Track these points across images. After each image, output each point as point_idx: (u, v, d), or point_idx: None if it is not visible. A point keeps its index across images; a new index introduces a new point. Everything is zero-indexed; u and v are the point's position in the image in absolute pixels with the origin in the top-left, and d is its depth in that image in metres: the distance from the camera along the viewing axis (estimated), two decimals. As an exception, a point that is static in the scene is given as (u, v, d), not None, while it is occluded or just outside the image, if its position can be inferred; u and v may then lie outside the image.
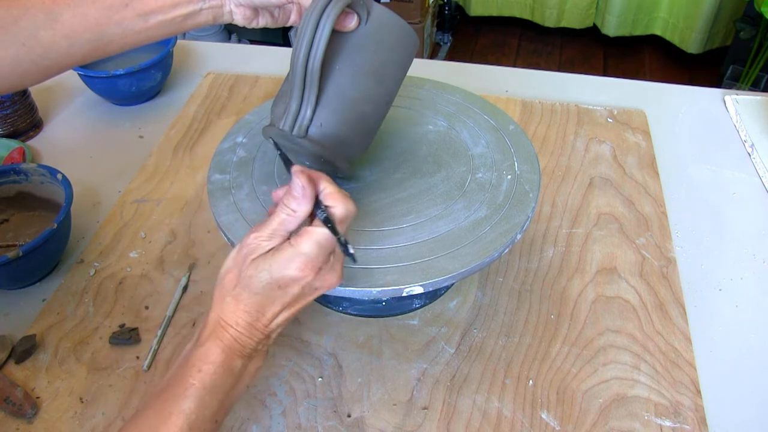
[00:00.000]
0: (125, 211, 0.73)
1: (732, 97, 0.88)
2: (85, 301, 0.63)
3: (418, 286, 0.48)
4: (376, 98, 0.50)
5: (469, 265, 0.49)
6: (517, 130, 0.62)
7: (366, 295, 0.48)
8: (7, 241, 0.67)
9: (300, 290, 0.42)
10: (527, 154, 0.60)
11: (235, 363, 0.42)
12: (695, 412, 0.53)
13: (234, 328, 0.42)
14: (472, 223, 0.53)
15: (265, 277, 0.41)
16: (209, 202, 0.55)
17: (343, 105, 0.48)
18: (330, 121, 0.47)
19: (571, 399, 0.54)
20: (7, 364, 0.57)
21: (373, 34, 0.48)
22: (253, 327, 0.42)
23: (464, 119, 0.64)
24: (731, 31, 2.24)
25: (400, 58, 0.51)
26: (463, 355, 0.57)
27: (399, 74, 0.52)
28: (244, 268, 0.42)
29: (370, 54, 0.48)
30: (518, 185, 0.56)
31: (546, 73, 0.97)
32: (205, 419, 0.40)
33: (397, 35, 0.49)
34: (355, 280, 0.48)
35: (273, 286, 0.41)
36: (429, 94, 0.67)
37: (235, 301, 0.42)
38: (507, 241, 0.51)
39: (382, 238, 0.51)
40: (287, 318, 0.44)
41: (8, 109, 0.81)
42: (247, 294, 0.42)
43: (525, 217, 0.53)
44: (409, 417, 0.53)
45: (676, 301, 0.62)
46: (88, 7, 0.47)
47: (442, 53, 2.64)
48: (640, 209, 0.72)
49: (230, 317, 0.42)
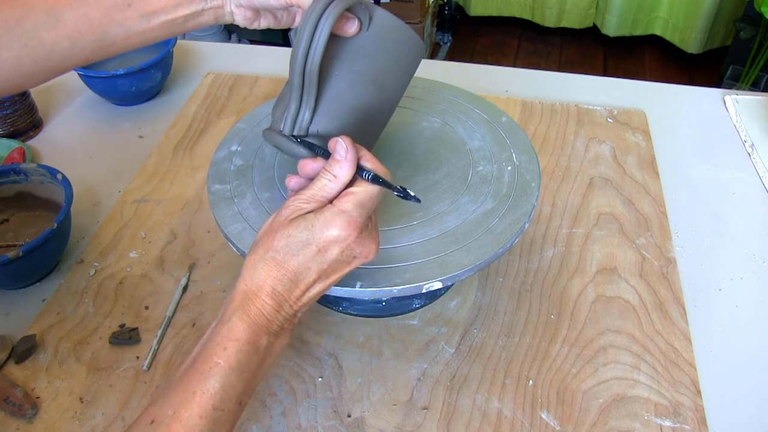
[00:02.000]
0: (125, 211, 0.73)
1: (732, 97, 0.88)
2: (85, 301, 0.63)
3: (437, 282, 0.48)
4: (377, 106, 0.49)
5: (484, 257, 0.50)
6: (510, 121, 0.64)
7: (387, 294, 0.48)
8: (7, 241, 0.67)
9: (339, 254, 0.41)
10: (523, 144, 0.61)
11: (261, 340, 0.40)
12: (695, 412, 0.53)
13: (263, 300, 0.40)
14: (481, 215, 0.53)
15: (305, 237, 0.40)
16: (213, 213, 0.55)
17: (342, 111, 0.47)
18: (329, 127, 0.47)
19: (571, 399, 0.54)
20: (7, 364, 0.57)
21: (374, 41, 0.47)
22: (284, 300, 0.40)
23: (457, 115, 0.65)
24: (731, 31, 2.24)
25: (403, 65, 0.50)
26: (463, 355, 0.57)
27: (401, 82, 0.51)
28: (282, 229, 0.40)
29: (371, 61, 0.47)
30: (519, 176, 0.57)
31: (546, 73, 0.97)
32: (230, 399, 0.38)
33: (400, 42, 0.48)
34: (374, 280, 0.48)
35: (312, 249, 0.40)
36: (419, 92, 0.68)
37: (268, 267, 0.40)
38: (517, 231, 0.52)
39: (394, 237, 0.52)
40: (320, 292, 0.42)
41: (8, 109, 0.81)
42: (283, 256, 0.40)
43: (531, 206, 0.54)
44: (409, 417, 0.53)
45: (676, 301, 0.62)
46: (91, 8, 0.46)
47: (442, 53, 2.64)
48: (640, 209, 0.72)
49: (261, 287, 0.40)
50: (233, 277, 0.65)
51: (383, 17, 0.47)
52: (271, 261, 0.40)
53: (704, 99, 0.90)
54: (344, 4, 0.43)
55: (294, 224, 0.40)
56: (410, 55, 0.50)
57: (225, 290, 0.64)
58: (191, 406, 0.37)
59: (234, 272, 0.65)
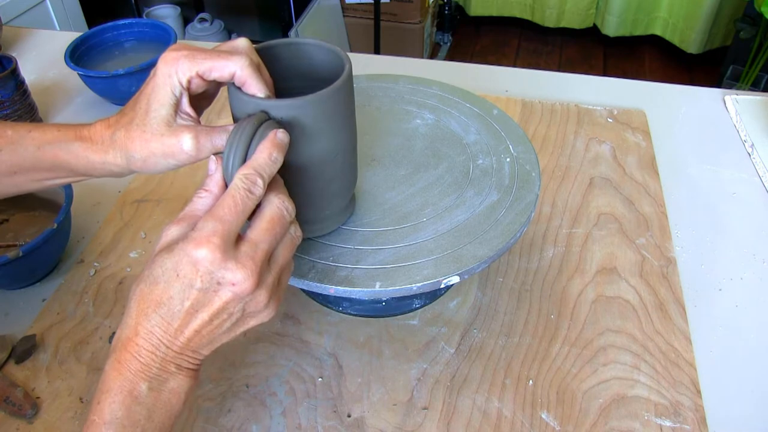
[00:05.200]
0: (125, 211, 0.73)
1: (732, 97, 0.88)
2: (85, 301, 0.63)
3: (455, 276, 0.49)
4: (330, 172, 0.47)
5: (497, 248, 0.50)
6: (501, 114, 0.64)
7: (407, 292, 0.48)
8: (7, 241, 0.67)
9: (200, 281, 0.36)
10: (518, 136, 0.62)
11: (138, 388, 0.36)
12: (695, 412, 0.53)
13: (136, 342, 0.36)
14: (488, 207, 0.54)
15: (169, 264, 0.36)
16: None
17: (304, 193, 0.46)
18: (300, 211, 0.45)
19: (571, 399, 0.54)
20: (7, 364, 0.57)
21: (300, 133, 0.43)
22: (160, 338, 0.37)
23: (448, 110, 0.65)
24: (731, 31, 2.24)
25: (338, 126, 0.46)
26: (463, 355, 0.57)
27: (345, 132, 0.47)
28: (153, 258, 0.37)
29: (307, 146, 0.44)
30: (519, 166, 0.58)
31: (546, 73, 0.97)
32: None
33: (323, 105, 0.43)
34: (394, 279, 0.48)
35: (171, 274, 0.36)
36: (406, 89, 0.69)
37: (137, 304, 0.37)
38: (525, 220, 0.53)
39: (405, 235, 0.52)
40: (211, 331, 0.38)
41: (8, 109, 0.81)
42: (148, 287, 0.37)
43: (534, 196, 0.55)
44: (409, 417, 0.53)
45: (676, 301, 0.62)
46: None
47: (442, 53, 2.64)
48: (640, 209, 0.72)
49: (133, 328, 0.36)
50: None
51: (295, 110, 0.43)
52: (138, 294, 0.37)
53: (704, 99, 0.90)
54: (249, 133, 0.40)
55: (163, 251, 0.37)
56: (340, 112, 0.45)
57: (225, 290, 0.64)
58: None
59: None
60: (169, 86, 0.42)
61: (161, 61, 0.42)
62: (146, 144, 0.42)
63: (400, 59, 1.01)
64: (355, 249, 0.51)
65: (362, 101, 0.67)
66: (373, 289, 0.48)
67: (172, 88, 0.42)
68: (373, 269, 0.49)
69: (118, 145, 0.43)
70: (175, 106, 0.42)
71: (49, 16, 1.76)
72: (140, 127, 0.42)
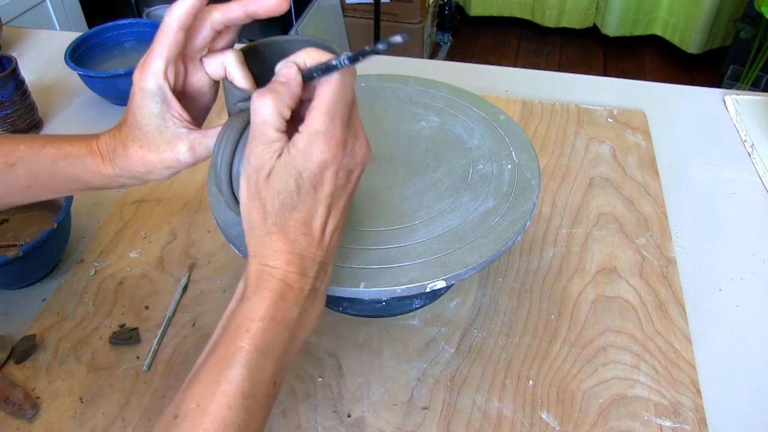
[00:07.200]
0: (125, 211, 0.73)
1: (732, 97, 0.88)
2: (85, 301, 0.63)
3: (441, 281, 0.48)
4: None
5: (487, 255, 0.50)
6: (508, 120, 0.64)
7: (391, 294, 0.48)
8: (7, 241, 0.67)
9: (335, 178, 0.37)
10: (522, 142, 0.61)
11: (290, 313, 0.37)
12: (695, 412, 0.53)
13: (284, 270, 0.37)
14: (482, 214, 0.53)
15: (293, 184, 0.36)
16: (213, 215, 0.55)
17: None
18: None
19: (571, 399, 0.54)
20: (7, 364, 0.57)
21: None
22: (306, 258, 0.37)
23: (455, 113, 0.65)
24: (731, 31, 2.24)
25: None
26: (463, 355, 0.57)
27: None
28: (267, 189, 0.36)
29: None
30: (519, 174, 0.57)
31: (546, 73, 0.97)
32: (261, 384, 0.35)
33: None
34: (378, 280, 0.48)
35: (307, 189, 0.36)
36: (415, 90, 0.68)
37: (274, 235, 0.37)
38: (519, 229, 0.52)
39: (396, 236, 0.52)
40: (338, 224, 0.39)
41: (8, 109, 0.81)
42: (284, 217, 0.37)
43: (532, 204, 0.54)
44: (409, 417, 0.53)
45: (676, 301, 0.62)
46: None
47: (442, 53, 2.64)
48: (640, 209, 0.72)
49: (275, 257, 0.37)
50: (233, 277, 0.65)
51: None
52: (275, 228, 0.37)
53: (704, 99, 0.91)
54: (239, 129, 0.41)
55: (275, 177, 0.36)
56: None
57: (225, 290, 0.64)
58: (216, 398, 0.34)
59: (234, 272, 0.65)
60: (147, 98, 0.41)
61: (134, 73, 0.42)
62: (144, 159, 0.43)
63: (400, 59, 1.01)
64: (344, 248, 0.50)
65: (370, 101, 0.67)
66: (357, 288, 0.48)
67: (151, 98, 0.41)
68: (360, 269, 0.49)
69: (118, 164, 0.44)
70: (161, 116, 0.42)
71: (49, 16, 1.76)
72: (135, 143, 0.43)
